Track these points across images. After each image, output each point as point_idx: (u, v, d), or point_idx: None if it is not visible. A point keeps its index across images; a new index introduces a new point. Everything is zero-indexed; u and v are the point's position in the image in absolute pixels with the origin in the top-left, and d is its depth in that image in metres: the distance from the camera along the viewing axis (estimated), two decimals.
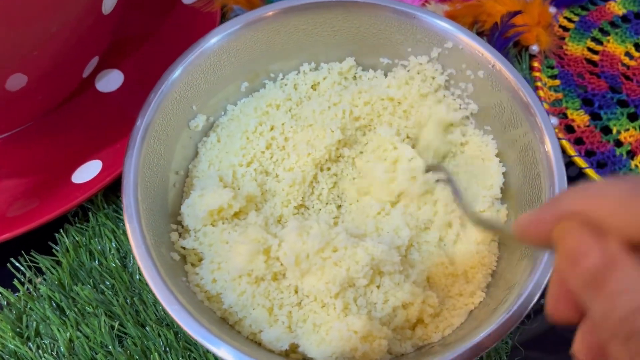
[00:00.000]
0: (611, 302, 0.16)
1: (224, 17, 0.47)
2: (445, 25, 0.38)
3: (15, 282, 0.38)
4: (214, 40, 0.37)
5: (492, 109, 0.38)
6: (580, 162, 0.43)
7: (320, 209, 0.36)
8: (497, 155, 0.38)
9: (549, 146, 0.34)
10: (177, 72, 0.36)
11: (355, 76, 0.41)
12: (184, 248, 0.35)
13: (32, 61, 0.35)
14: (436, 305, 0.33)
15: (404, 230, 0.35)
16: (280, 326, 0.31)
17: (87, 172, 0.40)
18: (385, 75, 0.41)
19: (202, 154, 0.38)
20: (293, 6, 0.38)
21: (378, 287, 0.32)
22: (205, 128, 0.39)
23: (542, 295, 0.30)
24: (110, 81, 0.46)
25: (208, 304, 0.33)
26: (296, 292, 0.32)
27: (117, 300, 0.37)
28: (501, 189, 0.37)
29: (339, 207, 0.37)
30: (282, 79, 0.41)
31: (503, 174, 0.37)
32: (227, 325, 0.32)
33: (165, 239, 0.34)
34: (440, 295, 0.34)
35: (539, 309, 0.38)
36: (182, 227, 0.36)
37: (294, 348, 0.32)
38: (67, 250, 0.39)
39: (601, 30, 0.50)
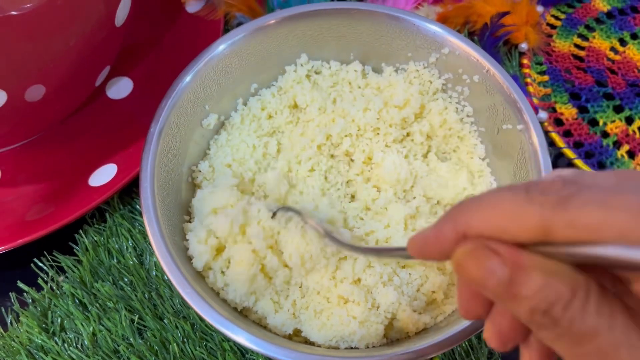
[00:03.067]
0: (527, 305, 0.17)
1: (226, 25, 0.49)
2: (442, 32, 0.40)
3: (39, 280, 0.41)
4: (226, 44, 0.39)
5: (486, 111, 0.40)
6: (569, 153, 0.46)
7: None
8: (489, 156, 0.40)
9: (537, 145, 0.36)
10: (190, 75, 0.38)
11: (357, 78, 0.43)
12: None
13: (50, 73, 0.37)
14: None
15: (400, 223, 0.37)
16: (286, 313, 0.34)
17: (103, 175, 0.42)
18: (387, 79, 0.43)
19: (214, 151, 0.40)
20: (300, 13, 0.40)
21: (384, 284, 0.34)
22: (216, 126, 0.41)
23: None
24: (121, 88, 0.48)
25: (218, 290, 0.35)
26: (300, 287, 0.35)
27: (136, 295, 0.40)
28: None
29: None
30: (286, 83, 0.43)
31: (494, 173, 0.40)
32: (236, 310, 0.35)
33: (178, 228, 0.36)
34: None
35: None
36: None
37: (297, 332, 0.34)
38: (87, 250, 0.41)
39: (587, 26, 0.53)
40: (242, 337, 0.31)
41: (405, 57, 0.42)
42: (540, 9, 0.52)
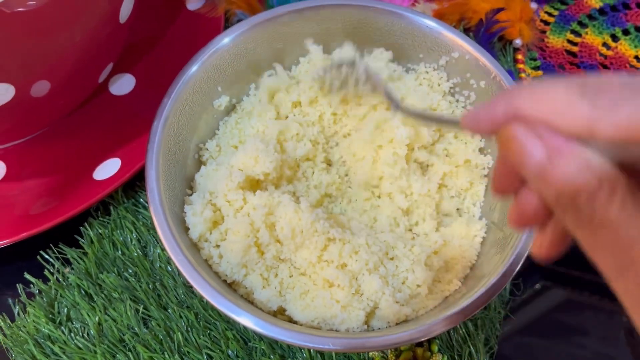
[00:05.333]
0: (556, 188, 0.19)
1: (227, 22, 0.50)
2: (453, 35, 0.40)
3: (46, 272, 0.41)
4: (242, 29, 0.41)
5: None
6: None
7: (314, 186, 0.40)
8: (489, 168, 0.40)
9: None
10: (207, 54, 0.40)
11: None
12: None
13: (55, 68, 0.38)
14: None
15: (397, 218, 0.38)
16: (273, 290, 0.35)
17: (107, 169, 0.43)
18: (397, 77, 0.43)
19: (222, 132, 0.41)
20: (320, 5, 0.41)
21: (369, 272, 0.35)
22: (227, 108, 0.42)
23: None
24: (123, 85, 0.49)
25: (211, 262, 0.36)
26: (289, 265, 0.36)
27: (140, 286, 0.40)
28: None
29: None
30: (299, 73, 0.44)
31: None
32: (226, 283, 0.36)
33: (180, 199, 0.37)
34: None
35: (528, 281, 0.42)
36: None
37: (281, 310, 0.36)
38: (92, 242, 0.42)
39: (580, 23, 0.54)
40: (226, 307, 0.32)
41: (417, 58, 0.43)
42: (534, 5, 0.53)
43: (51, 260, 0.42)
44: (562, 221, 0.20)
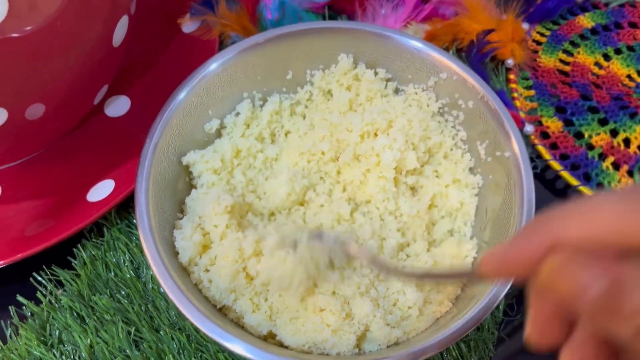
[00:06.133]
0: (633, 322, 0.15)
1: (221, 44, 0.51)
2: (441, 56, 0.41)
3: (38, 294, 0.41)
4: (233, 52, 0.41)
5: (478, 137, 0.40)
6: (556, 165, 0.47)
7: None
8: (479, 187, 0.41)
9: (524, 176, 0.36)
10: (197, 78, 0.40)
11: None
12: None
13: (50, 92, 0.38)
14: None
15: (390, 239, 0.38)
16: (263, 314, 0.35)
17: (101, 191, 0.43)
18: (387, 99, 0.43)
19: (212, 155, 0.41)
20: (308, 29, 0.42)
21: (361, 295, 0.35)
22: (219, 131, 0.43)
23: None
24: (119, 106, 0.49)
25: (201, 287, 0.36)
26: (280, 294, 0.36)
27: (133, 308, 0.40)
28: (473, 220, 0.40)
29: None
30: (293, 93, 0.44)
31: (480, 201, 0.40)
32: (215, 308, 0.36)
33: (170, 223, 0.38)
34: None
35: (525, 303, 0.41)
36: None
37: (271, 335, 0.35)
38: (85, 264, 0.42)
39: (572, 42, 0.54)
40: (216, 334, 0.32)
41: (406, 79, 0.43)
42: (525, 26, 0.54)
43: (44, 282, 0.42)
44: None
